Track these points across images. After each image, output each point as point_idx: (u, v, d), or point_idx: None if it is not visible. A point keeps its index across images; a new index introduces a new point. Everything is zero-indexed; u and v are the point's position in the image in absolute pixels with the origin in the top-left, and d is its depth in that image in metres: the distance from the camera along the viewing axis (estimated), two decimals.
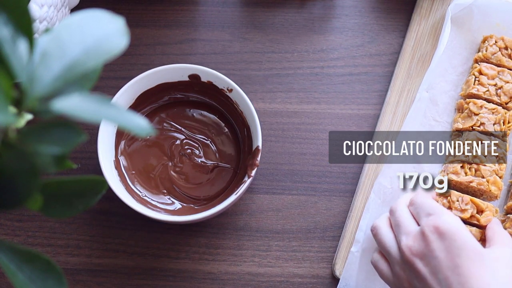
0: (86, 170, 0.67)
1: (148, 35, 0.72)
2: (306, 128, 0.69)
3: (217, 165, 0.65)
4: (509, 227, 0.63)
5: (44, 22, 0.62)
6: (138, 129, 0.30)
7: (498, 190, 0.62)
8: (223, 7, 0.74)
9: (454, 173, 0.63)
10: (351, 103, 0.70)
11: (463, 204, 0.59)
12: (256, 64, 0.71)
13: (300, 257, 0.65)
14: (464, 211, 0.59)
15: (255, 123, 0.62)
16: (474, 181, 0.63)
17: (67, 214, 0.37)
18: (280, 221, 0.66)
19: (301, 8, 0.74)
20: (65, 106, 0.30)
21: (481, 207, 0.59)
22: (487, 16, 0.69)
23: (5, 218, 0.65)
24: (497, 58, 0.67)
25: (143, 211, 0.59)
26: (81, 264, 0.64)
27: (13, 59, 0.31)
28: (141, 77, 0.63)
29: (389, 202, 0.64)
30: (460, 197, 0.59)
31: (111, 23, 0.33)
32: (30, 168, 0.30)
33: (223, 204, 0.59)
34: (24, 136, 0.31)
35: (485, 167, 0.63)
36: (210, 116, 0.68)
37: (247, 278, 0.64)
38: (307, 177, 0.67)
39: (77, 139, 0.30)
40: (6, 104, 0.30)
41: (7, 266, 0.34)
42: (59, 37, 0.32)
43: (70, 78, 0.31)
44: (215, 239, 0.65)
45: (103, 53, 0.32)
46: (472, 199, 0.60)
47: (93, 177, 0.37)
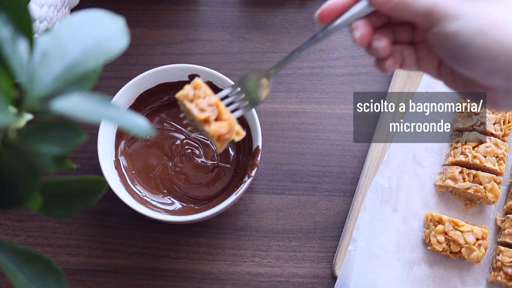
0: (86, 170, 0.67)
1: (148, 35, 0.72)
2: (306, 128, 0.69)
3: (217, 165, 0.65)
4: (509, 227, 0.63)
5: (44, 22, 0.62)
6: (138, 129, 0.30)
7: (495, 197, 0.63)
8: (223, 7, 0.74)
9: (452, 179, 0.63)
10: (351, 103, 0.70)
11: (206, 104, 0.50)
12: (256, 64, 0.71)
13: (300, 257, 0.65)
14: (202, 111, 0.49)
15: (255, 123, 0.62)
16: (471, 188, 0.63)
17: (67, 214, 0.37)
18: (280, 221, 0.66)
19: (301, 8, 0.74)
20: (65, 106, 0.30)
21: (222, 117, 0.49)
22: None
23: (5, 218, 0.65)
24: None
25: (143, 211, 0.59)
26: (81, 264, 0.64)
27: (13, 59, 0.31)
28: (141, 77, 0.63)
29: (386, 201, 0.64)
30: (207, 97, 0.50)
31: (111, 23, 0.33)
32: (30, 168, 0.30)
33: (223, 204, 0.59)
34: (24, 136, 0.31)
35: (483, 174, 0.63)
36: None
37: (247, 278, 0.64)
38: (307, 177, 0.67)
39: (77, 139, 0.30)
40: (6, 104, 0.30)
41: (7, 266, 0.34)
42: (59, 37, 0.32)
43: (70, 78, 0.31)
44: (215, 239, 0.65)
45: (103, 53, 0.32)
46: (218, 103, 0.49)
47: (93, 177, 0.37)
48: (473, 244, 0.62)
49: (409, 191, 0.65)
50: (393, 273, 0.62)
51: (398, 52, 0.47)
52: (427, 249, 0.64)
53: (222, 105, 0.50)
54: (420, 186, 0.66)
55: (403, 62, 0.48)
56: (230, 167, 0.65)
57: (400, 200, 0.64)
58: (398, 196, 0.64)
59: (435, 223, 0.63)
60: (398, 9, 0.44)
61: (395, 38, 0.48)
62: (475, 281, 0.63)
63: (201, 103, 0.49)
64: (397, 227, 0.64)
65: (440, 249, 0.62)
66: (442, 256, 0.64)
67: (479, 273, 0.63)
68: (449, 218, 0.62)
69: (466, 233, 0.62)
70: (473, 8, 0.41)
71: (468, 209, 0.65)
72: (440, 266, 0.63)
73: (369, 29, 0.46)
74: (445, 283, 0.63)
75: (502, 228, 0.64)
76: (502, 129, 0.65)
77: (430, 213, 0.64)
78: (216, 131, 0.49)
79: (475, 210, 0.65)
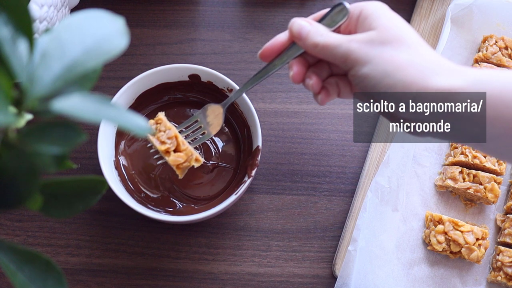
0: (86, 170, 0.67)
1: (148, 35, 0.72)
2: (306, 128, 0.69)
3: (217, 165, 0.65)
4: (509, 227, 0.63)
5: (44, 22, 0.62)
6: (138, 129, 0.30)
7: (495, 197, 0.63)
8: (223, 7, 0.74)
9: (452, 179, 0.63)
10: (351, 103, 0.69)
11: (166, 137, 0.59)
12: (256, 64, 0.71)
13: (300, 257, 0.65)
14: (163, 144, 0.58)
15: (255, 123, 0.62)
16: (471, 188, 0.63)
17: (67, 214, 0.37)
18: (280, 221, 0.66)
19: (301, 8, 0.74)
20: (65, 106, 0.30)
21: (180, 148, 0.59)
22: (487, 16, 0.69)
23: (5, 218, 0.65)
24: (497, 58, 0.67)
25: (143, 211, 0.59)
26: (81, 264, 0.64)
27: (13, 59, 0.31)
28: (141, 77, 0.63)
29: (386, 202, 0.64)
30: (168, 130, 0.59)
31: (111, 23, 0.33)
32: (30, 168, 0.30)
33: (223, 204, 0.59)
34: (24, 136, 0.31)
35: (483, 174, 0.63)
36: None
37: (247, 278, 0.64)
38: (307, 177, 0.67)
39: (77, 139, 0.30)
40: (6, 104, 0.30)
41: (7, 266, 0.34)
42: (59, 37, 0.32)
43: (70, 78, 0.31)
44: (215, 239, 0.65)
45: (103, 53, 0.32)
46: (177, 136, 0.59)
47: (93, 177, 0.37)
48: (473, 244, 0.62)
49: (409, 191, 0.65)
50: (393, 273, 0.62)
51: (334, 84, 0.53)
52: (427, 249, 0.64)
53: (181, 137, 0.59)
54: (420, 186, 0.66)
55: (339, 92, 0.53)
56: (230, 167, 0.65)
57: (400, 200, 0.64)
58: (398, 196, 0.64)
59: (435, 223, 0.63)
60: (323, 54, 0.50)
61: (331, 71, 0.54)
62: (475, 281, 0.63)
63: (162, 137, 0.59)
64: (397, 227, 0.64)
65: (440, 249, 0.62)
66: (442, 256, 0.64)
67: (479, 273, 0.63)
68: (449, 218, 0.62)
69: (466, 233, 0.62)
70: (380, 53, 0.46)
71: (468, 209, 0.65)
72: (440, 266, 0.63)
73: (302, 68, 0.53)
74: (445, 283, 0.63)
75: (502, 228, 0.64)
76: None
77: (430, 213, 0.64)
78: (174, 161, 0.58)
79: (475, 210, 0.65)
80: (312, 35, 0.50)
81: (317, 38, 0.50)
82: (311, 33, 0.50)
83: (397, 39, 0.47)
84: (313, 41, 0.50)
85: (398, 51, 0.46)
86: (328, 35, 0.50)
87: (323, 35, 0.50)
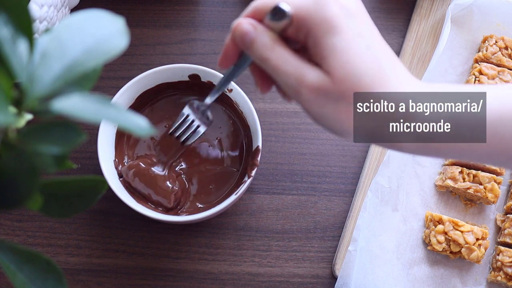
0: (86, 170, 0.67)
1: (148, 35, 0.72)
2: (306, 128, 0.69)
3: (224, 169, 0.65)
4: (509, 227, 0.63)
5: (44, 22, 0.62)
6: (138, 129, 0.30)
7: (495, 197, 0.63)
8: (223, 7, 0.74)
9: (451, 179, 0.63)
10: None
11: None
12: None
13: (300, 257, 0.65)
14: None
15: (255, 123, 0.62)
16: (471, 188, 0.63)
17: (67, 214, 0.37)
18: (280, 221, 0.66)
19: None
20: (65, 106, 0.30)
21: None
22: (487, 16, 0.69)
23: (5, 218, 0.65)
24: (497, 58, 0.67)
25: (143, 211, 0.59)
26: (81, 264, 0.64)
27: (13, 59, 0.31)
28: (141, 77, 0.63)
29: (386, 202, 0.64)
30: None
31: (111, 23, 0.33)
32: (30, 168, 0.30)
33: (223, 204, 0.59)
34: (24, 136, 0.31)
35: (483, 174, 0.63)
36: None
37: (247, 278, 0.64)
38: (307, 177, 0.67)
39: (77, 139, 0.30)
40: (6, 104, 0.30)
41: (7, 266, 0.34)
42: (59, 37, 0.32)
43: (70, 78, 0.31)
44: (215, 239, 0.65)
45: (103, 53, 0.32)
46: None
47: (93, 177, 0.37)
48: (473, 244, 0.61)
49: (409, 191, 0.65)
50: (393, 273, 0.62)
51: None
52: (427, 249, 0.64)
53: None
54: (420, 186, 0.66)
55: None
56: (236, 171, 0.65)
57: (400, 200, 0.64)
58: (398, 196, 0.64)
59: (435, 223, 0.63)
60: (274, 75, 0.42)
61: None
62: (475, 281, 0.63)
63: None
64: (397, 227, 0.64)
65: (440, 249, 0.62)
66: (442, 256, 0.64)
67: (479, 273, 0.63)
68: (449, 218, 0.62)
69: (466, 233, 0.62)
70: (334, 110, 0.42)
71: (468, 209, 0.65)
72: (440, 266, 0.63)
73: (263, 77, 0.46)
74: (445, 283, 0.63)
75: (502, 228, 0.64)
76: None
77: (430, 213, 0.64)
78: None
79: (475, 210, 0.65)
80: (258, 47, 0.42)
81: (264, 52, 0.41)
82: (256, 43, 0.42)
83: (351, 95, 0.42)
84: (261, 54, 0.42)
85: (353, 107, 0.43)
86: (276, 51, 0.41)
87: (269, 49, 0.41)
